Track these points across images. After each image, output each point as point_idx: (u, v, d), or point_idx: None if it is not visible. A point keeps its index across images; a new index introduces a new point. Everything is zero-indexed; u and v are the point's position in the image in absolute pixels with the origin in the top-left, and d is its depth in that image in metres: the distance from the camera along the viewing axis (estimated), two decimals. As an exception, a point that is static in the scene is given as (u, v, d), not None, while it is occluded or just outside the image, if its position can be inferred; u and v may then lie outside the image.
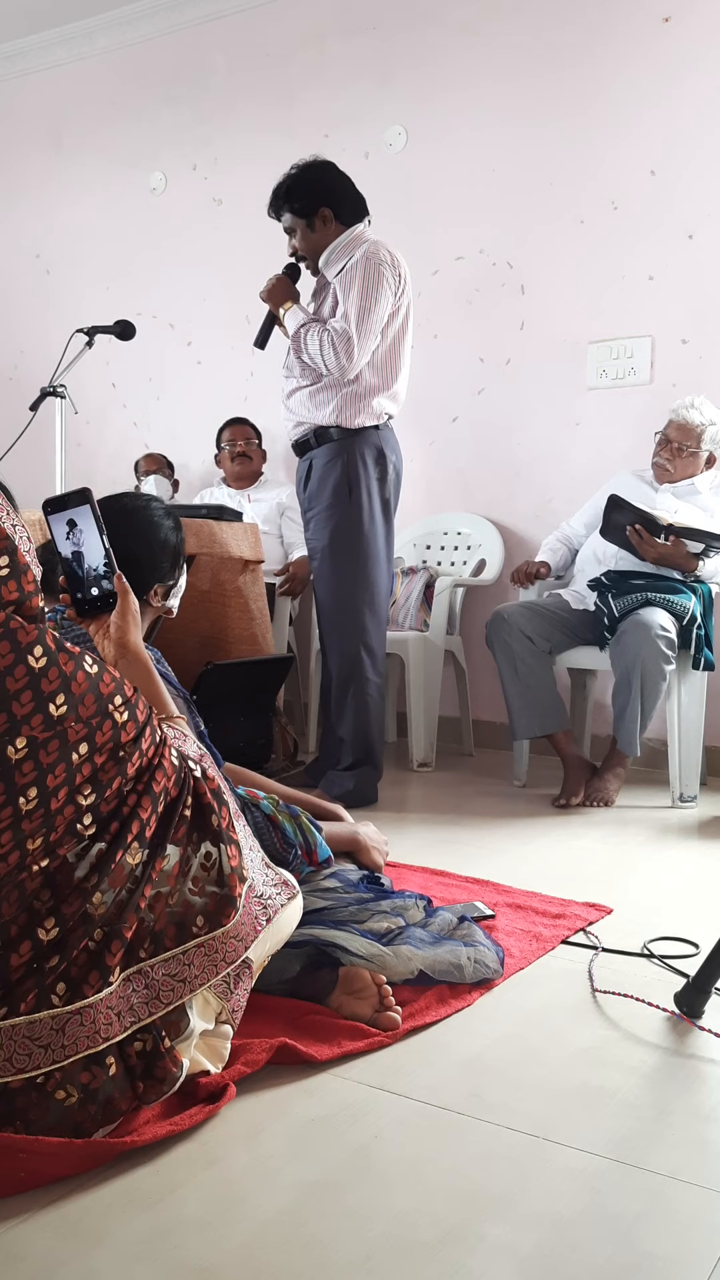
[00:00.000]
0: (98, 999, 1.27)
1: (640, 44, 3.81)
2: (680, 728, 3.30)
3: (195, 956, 1.37)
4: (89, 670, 1.33)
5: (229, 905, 1.41)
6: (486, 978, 1.81)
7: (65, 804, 1.29)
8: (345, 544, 3.14)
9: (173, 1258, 1.11)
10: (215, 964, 1.39)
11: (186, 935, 1.37)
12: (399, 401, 3.22)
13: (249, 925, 1.45)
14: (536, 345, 4.08)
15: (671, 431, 3.47)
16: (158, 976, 1.34)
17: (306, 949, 1.72)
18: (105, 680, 1.34)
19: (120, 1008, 1.29)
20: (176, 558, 2.07)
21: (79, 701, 1.30)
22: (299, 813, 2.02)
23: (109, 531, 1.58)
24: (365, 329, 3.02)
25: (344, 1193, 1.23)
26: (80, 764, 1.30)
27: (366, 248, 3.06)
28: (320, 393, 3.14)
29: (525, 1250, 1.13)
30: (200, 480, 4.86)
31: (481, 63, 4.13)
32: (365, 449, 3.13)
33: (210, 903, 1.40)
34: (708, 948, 1.78)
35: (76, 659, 1.32)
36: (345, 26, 4.42)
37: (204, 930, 1.39)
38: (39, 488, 4.03)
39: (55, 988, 1.26)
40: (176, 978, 1.35)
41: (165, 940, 1.36)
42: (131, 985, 1.32)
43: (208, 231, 4.84)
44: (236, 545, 3.31)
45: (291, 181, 3.12)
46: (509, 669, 3.37)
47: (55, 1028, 1.25)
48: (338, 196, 3.12)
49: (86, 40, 5.09)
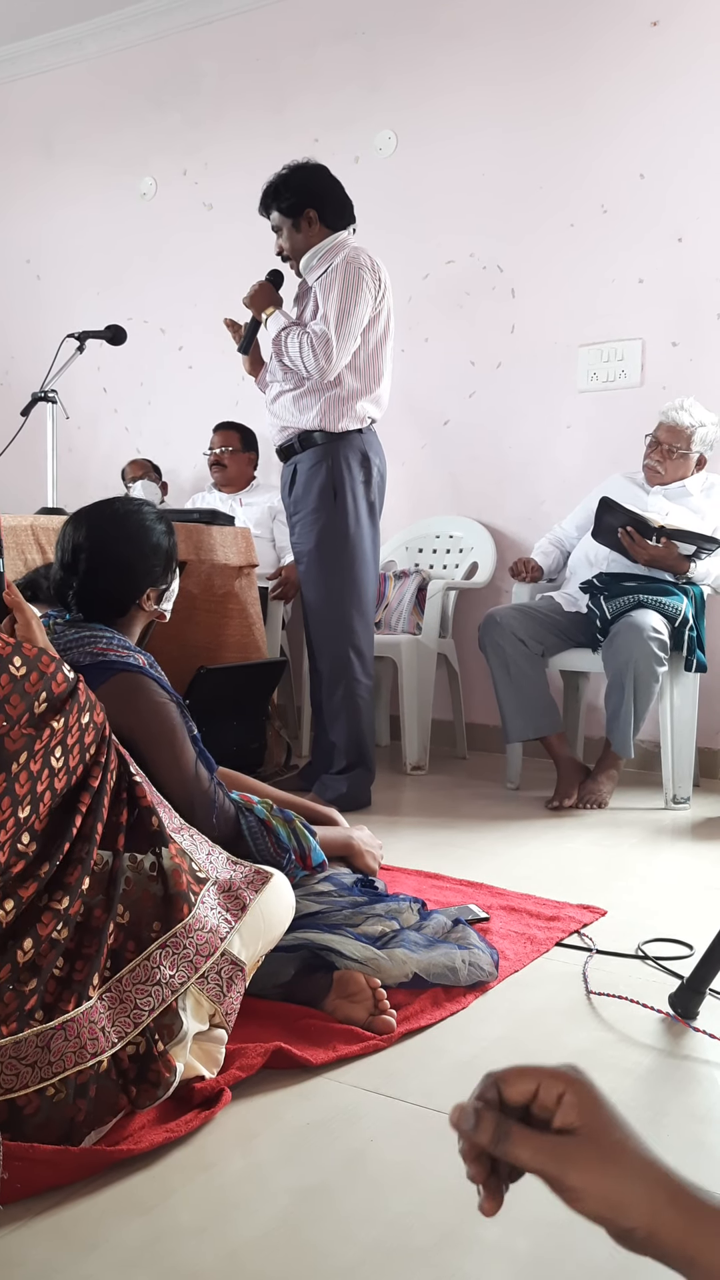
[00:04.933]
0: (78, 1012, 1.27)
1: (629, 48, 3.83)
2: (673, 729, 3.30)
3: (165, 956, 1.37)
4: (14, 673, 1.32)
5: (180, 900, 1.41)
6: (481, 980, 1.81)
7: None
8: (331, 547, 3.16)
9: (167, 1264, 1.11)
10: (190, 960, 1.39)
11: (145, 942, 1.38)
12: (382, 405, 3.24)
13: (216, 916, 1.45)
14: (527, 348, 4.09)
15: (661, 434, 3.48)
16: (128, 988, 1.34)
17: (301, 953, 1.72)
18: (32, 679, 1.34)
19: (103, 1023, 1.29)
20: (169, 561, 2.07)
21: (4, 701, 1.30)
22: (293, 817, 2.02)
23: (100, 535, 1.57)
24: (344, 331, 3.04)
25: (339, 1198, 1.23)
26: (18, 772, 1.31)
27: (347, 253, 3.09)
28: (304, 397, 3.15)
29: (521, 1253, 1.13)
30: (192, 485, 4.86)
31: (471, 67, 4.14)
32: (350, 452, 3.15)
33: (160, 906, 1.40)
34: (702, 949, 1.78)
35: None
36: (334, 31, 4.43)
37: (161, 931, 1.39)
38: (31, 493, 4.05)
39: (34, 1014, 1.25)
40: (150, 982, 1.35)
41: (125, 954, 1.36)
42: (107, 1001, 1.31)
43: (198, 236, 4.85)
44: (229, 550, 3.31)
45: (281, 181, 3.15)
46: (501, 672, 3.37)
47: (40, 1045, 1.24)
48: (324, 199, 3.14)
49: (76, 46, 5.09)
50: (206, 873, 1.50)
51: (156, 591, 2.03)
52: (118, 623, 1.99)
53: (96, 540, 1.99)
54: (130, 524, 2.04)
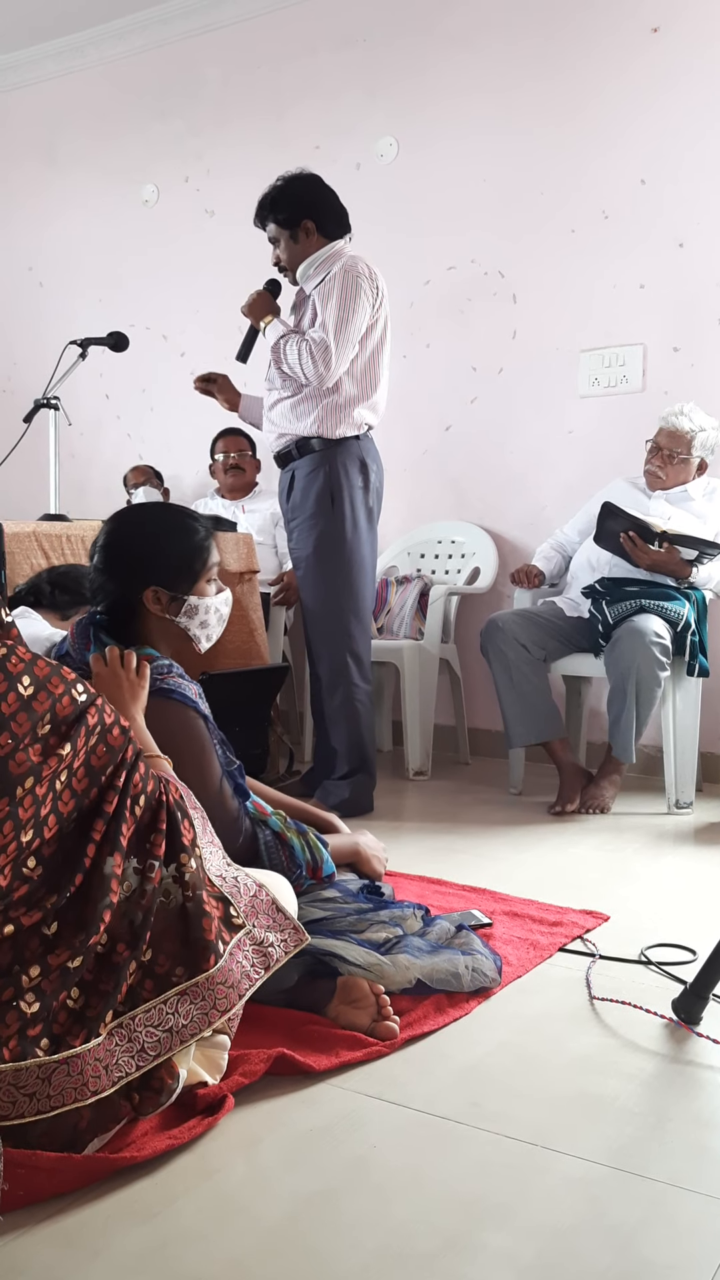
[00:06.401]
0: (85, 1049, 1.26)
1: (629, 54, 3.83)
2: (675, 734, 3.30)
3: (181, 1004, 1.35)
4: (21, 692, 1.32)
5: (209, 951, 1.39)
6: (484, 986, 1.81)
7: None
8: (329, 553, 3.16)
9: (171, 1270, 1.11)
10: (207, 1013, 1.36)
11: (165, 985, 1.35)
12: (379, 412, 3.24)
13: (238, 973, 1.42)
14: (529, 354, 4.09)
15: (662, 439, 3.49)
16: (139, 1029, 1.32)
17: (305, 958, 1.72)
18: (40, 698, 1.34)
19: (107, 1060, 1.28)
20: (184, 568, 1.97)
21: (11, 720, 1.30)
22: (306, 830, 2.02)
23: (117, 526, 1.58)
24: (343, 338, 3.04)
25: (342, 1203, 1.23)
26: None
27: (344, 261, 3.09)
28: (301, 404, 3.16)
29: (525, 1259, 1.13)
30: (194, 491, 4.86)
31: (472, 73, 4.15)
32: (347, 459, 3.15)
33: (186, 950, 1.38)
34: (705, 954, 1.78)
35: (11, 678, 1.31)
36: (335, 38, 4.44)
37: (184, 978, 1.36)
38: (35, 499, 4.06)
39: (39, 1042, 1.24)
40: (161, 1027, 1.33)
41: (142, 993, 1.34)
42: (115, 1039, 1.30)
43: (200, 243, 4.86)
44: (230, 556, 3.31)
45: (277, 193, 3.15)
46: (504, 677, 3.37)
47: (41, 1077, 1.23)
48: (322, 209, 3.15)
49: (78, 54, 5.11)
50: (243, 918, 1.47)
51: (166, 594, 1.94)
52: (134, 626, 1.97)
53: (112, 532, 1.99)
54: (150, 518, 2.04)
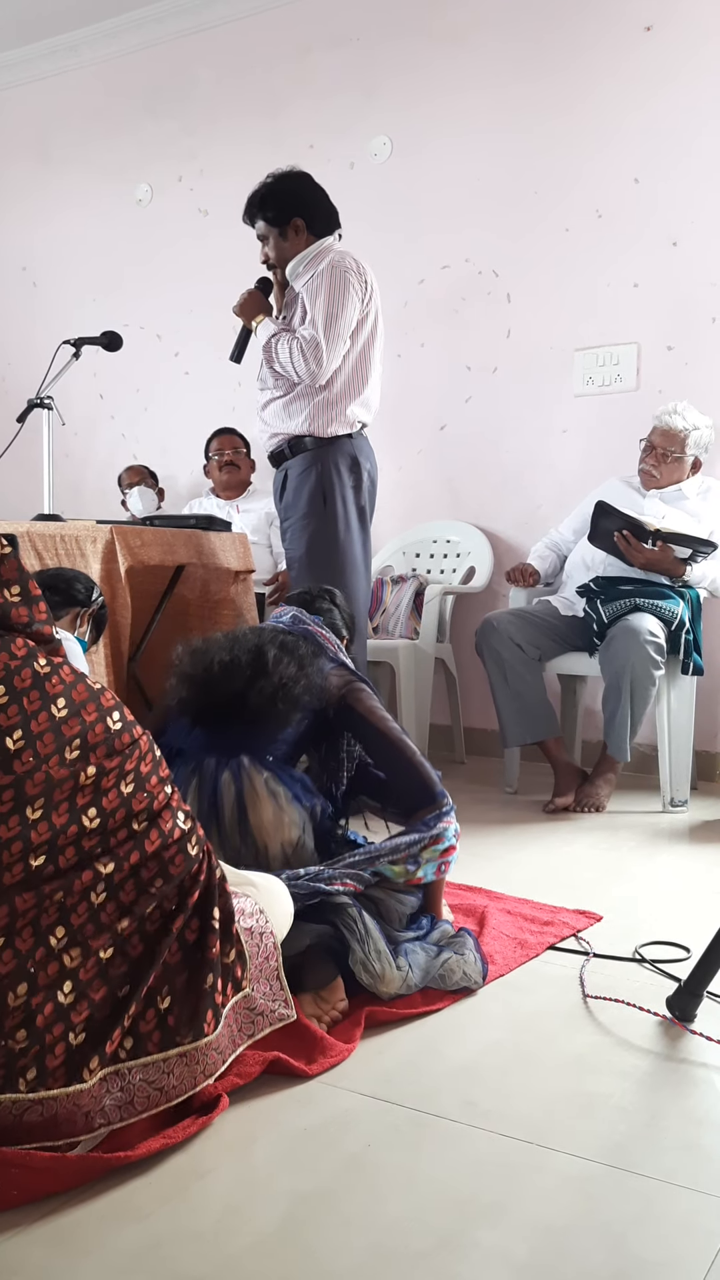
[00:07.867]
0: (63, 1093, 1.23)
1: (622, 53, 3.84)
2: (670, 733, 3.30)
3: (176, 1065, 1.33)
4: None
5: (213, 1014, 1.37)
6: (466, 987, 1.83)
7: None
8: (322, 552, 3.16)
9: (165, 1270, 1.11)
10: (194, 1076, 1.35)
11: (170, 1043, 1.33)
12: (371, 409, 3.23)
13: (228, 1039, 1.41)
14: (523, 353, 4.10)
15: (656, 438, 3.49)
16: (135, 1081, 1.30)
17: (322, 930, 1.72)
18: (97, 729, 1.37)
19: (92, 1108, 1.25)
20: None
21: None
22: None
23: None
24: (333, 334, 3.04)
25: (336, 1202, 1.23)
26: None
27: (332, 257, 3.09)
28: (293, 402, 3.15)
29: (519, 1257, 1.13)
30: (189, 491, 4.86)
31: (466, 72, 4.15)
32: (339, 457, 3.15)
33: (191, 1010, 1.36)
34: (699, 951, 1.78)
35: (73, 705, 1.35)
36: (329, 38, 4.44)
37: (187, 1040, 1.34)
38: (28, 499, 4.05)
39: (25, 1072, 1.22)
40: (154, 1085, 1.31)
41: (148, 1044, 1.31)
42: (107, 1086, 1.27)
43: (194, 242, 4.85)
44: (226, 555, 3.31)
45: (266, 191, 3.14)
46: (499, 676, 3.37)
47: (15, 1114, 1.22)
48: (311, 207, 3.14)
49: (72, 53, 5.10)
50: (249, 981, 1.47)
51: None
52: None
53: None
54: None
